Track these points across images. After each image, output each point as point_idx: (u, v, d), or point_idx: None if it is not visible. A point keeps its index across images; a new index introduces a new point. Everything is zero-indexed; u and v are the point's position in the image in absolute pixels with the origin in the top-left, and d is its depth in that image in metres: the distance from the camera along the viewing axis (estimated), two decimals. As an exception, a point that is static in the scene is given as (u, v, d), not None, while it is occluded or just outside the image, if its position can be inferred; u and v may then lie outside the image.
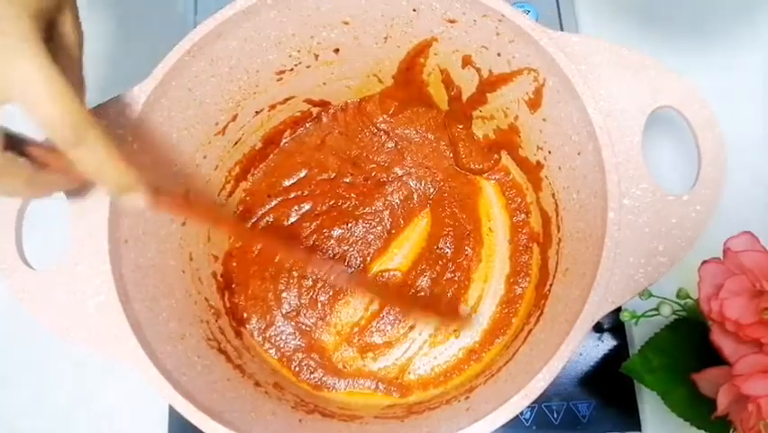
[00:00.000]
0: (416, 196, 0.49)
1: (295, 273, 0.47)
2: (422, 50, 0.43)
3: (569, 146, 0.37)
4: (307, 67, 0.44)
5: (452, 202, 0.48)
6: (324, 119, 0.50)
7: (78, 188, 0.34)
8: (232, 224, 0.47)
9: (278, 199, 0.49)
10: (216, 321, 0.43)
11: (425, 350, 0.45)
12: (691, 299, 0.37)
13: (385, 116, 0.50)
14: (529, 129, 0.42)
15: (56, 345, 0.47)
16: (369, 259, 0.47)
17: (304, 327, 0.46)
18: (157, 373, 0.32)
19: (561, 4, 0.53)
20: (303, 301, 0.47)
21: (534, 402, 0.30)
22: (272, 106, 0.46)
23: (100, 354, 0.34)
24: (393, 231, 0.48)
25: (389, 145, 0.50)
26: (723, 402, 0.31)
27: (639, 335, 0.45)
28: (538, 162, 0.43)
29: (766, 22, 0.53)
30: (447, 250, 0.47)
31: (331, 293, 0.47)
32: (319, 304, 0.46)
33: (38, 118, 0.26)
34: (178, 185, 0.42)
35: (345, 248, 0.48)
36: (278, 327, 0.46)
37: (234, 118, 0.44)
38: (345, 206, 0.49)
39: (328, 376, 0.45)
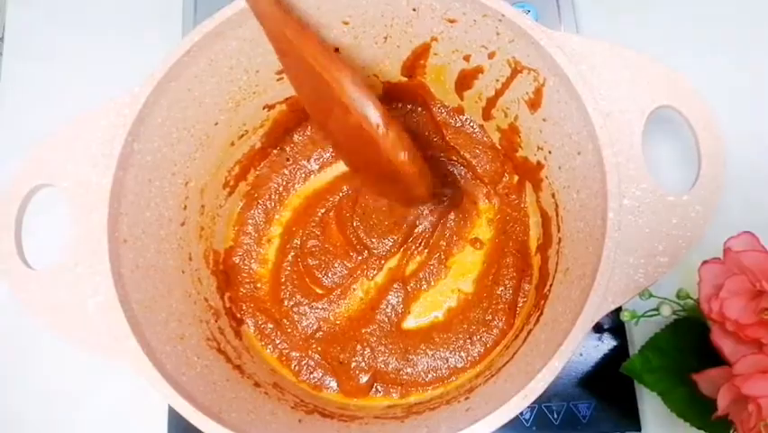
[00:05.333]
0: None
1: (294, 273, 0.47)
2: (422, 52, 0.43)
3: (569, 146, 0.37)
4: (307, 67, 0.44)
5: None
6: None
7: None
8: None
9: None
10: (216, 321, 0.43)
11: (424, 350, 0.45)
12: (691, 299, 0.37)
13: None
14: (529, 129, 0.42)
15: (55, 344, 0.47)
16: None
17: (304, 326, 0.46)
18: (156, 373, 0.32)
19: (560, 3, 0.52)
20: (302, 301, 0.47)
21: (534, 403, 0.30)
22: (272, 106, 0.46)
23: (99, 354, 0.34)
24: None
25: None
26: (723, 403, 0.31)
27: (639, 335, 0.45)
28: (538, 162, 0.43)
29: (767, 21, 0.53)
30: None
31: (331, 293, 0.47)
32: (319, 303, 0.46)
33: None
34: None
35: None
36: (278, 327, 0.46)
37: (234, 118, 0.44)
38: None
39: (328, 376, 0.44)
